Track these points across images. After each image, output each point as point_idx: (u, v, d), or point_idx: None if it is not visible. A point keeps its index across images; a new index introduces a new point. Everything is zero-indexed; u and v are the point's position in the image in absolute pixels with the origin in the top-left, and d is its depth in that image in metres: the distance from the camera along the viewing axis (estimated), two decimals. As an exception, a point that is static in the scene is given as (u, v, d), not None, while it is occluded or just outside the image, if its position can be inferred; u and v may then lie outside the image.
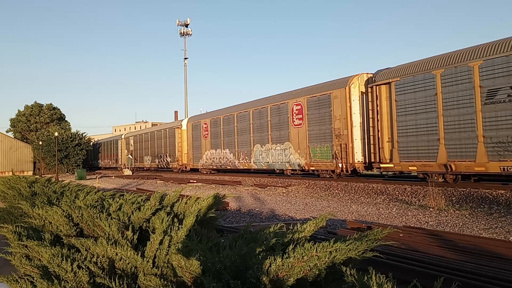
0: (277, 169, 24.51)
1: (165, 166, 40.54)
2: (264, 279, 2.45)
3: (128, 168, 47.32)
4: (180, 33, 64.12)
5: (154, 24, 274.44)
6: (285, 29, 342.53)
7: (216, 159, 31.41)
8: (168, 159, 39.44)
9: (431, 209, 11.87)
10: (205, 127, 33.58)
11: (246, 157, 27.38)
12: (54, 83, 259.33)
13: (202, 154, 33.78)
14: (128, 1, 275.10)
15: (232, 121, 29.50)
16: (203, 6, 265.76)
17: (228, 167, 30.07)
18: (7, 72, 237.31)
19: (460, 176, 15.26)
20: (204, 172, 33.67)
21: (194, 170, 36.62)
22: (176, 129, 38.40)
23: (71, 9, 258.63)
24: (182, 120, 38.95)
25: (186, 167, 37.06)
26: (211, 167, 32.55)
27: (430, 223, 9.91)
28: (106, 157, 61.43)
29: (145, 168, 46.14)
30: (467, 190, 13.55)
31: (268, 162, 24.97)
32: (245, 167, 27.94)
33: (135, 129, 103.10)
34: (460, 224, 9.62)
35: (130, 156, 49.75)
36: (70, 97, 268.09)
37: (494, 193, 12.68)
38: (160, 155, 41.37)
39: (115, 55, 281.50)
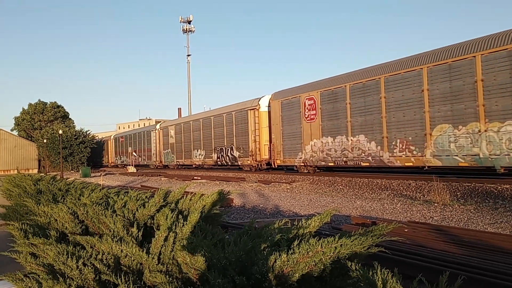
0: (501, 167, 13.61)
1: (229, 163, 29.89)
2: (269, 274, 2.45)
3: (132, 165, 47.15)
4: (183, 30, 64.13)
5: (157, 21, 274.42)
6: (289, 24, 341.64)
7: (336, 151, 20.03)
8: (235, 154, 28.52)
9: (435, 204, 11.85)
10: (309, 105, 21.86)
11: (412, 147, 16.51)
12: (57, 81, 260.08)
13: (303, 144, 22.21)
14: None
15: (373, 90, 18.13)
16: (206, 2, 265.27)
17: (364, 164, 18.64)
18: (11, 70, 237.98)
19: None
20: (306, 171, 22.45)
21: (280, 168, 25.82)
22: (249, 111, 26.95)
23: (73, 7, 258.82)
24: (259, 98, 26.75)
25: (270, 163, 25.45)
26: (323, 163, 21.11)
27: (435, 218, 9.89)
28: (130, 153, 51.81)
29: (194, 166, 36.36)
30: (472, 185, 13.51)
31: (478, 155, 14.12)
32: (408, 164, 16.81)
33: (138, 126, 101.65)
34: (465, 219, 9.60)
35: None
36: (74, 95, 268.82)
37: (499, 187, 12.64)
38: (221, 149, 30.51)
39: (118, 53, 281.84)
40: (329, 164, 20.87)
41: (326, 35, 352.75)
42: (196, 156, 35.01)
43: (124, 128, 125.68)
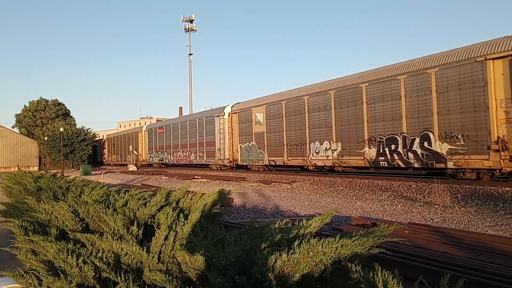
0: None
1: (414, 163, 16.63)
2: (269, 274, 2.44)
3: (132, 163, 46.88)
4: (185, 28, 64.18)
5: (159, 19, 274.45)
6: (292, 24, 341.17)
7: None
8: (438, 146, 15.67)
9: (436, 206, 11.84)
10: None
11: None
12: (59, 79, 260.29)
13: None
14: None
15: None
16: (208, 1, 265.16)
17: None
18: (13, 68, 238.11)
19: None
20: None
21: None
22: (491, 62, 14.04)
23: (76, 5, 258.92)
24: None
25: None
26: None
27: (435, 220, 9.88)
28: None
29: (309, 168, 22.60)
30: (473, 187, 13.50)
31: None
32: None
33: (139, 124, 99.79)
34: (466, 221, 9.59)
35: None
36: (75, 93, 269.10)
37: (500, 190, 12.63)
38: (392, 138, 17.55)
39: (119, 51, 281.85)
40: None
41: (327, 35, 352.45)
42: (316, 152, 21.75)
43: (125, 126, 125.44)
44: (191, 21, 64.20)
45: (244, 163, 28.04)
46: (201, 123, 33.56)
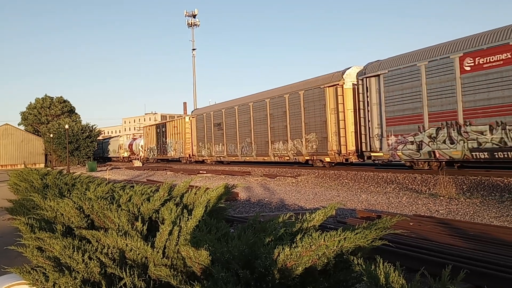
0: None
1: None
2: (272, 268, 2.46)
3: (138, 159, 46.79)
4: (188, 24, 63.93)
5: (162, 15, 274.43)
6: (296, 19, 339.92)
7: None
8: None
9: (441, 197, 11.82)
10: None
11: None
12: (64, 76, 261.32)
13: None
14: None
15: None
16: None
17: None
18: (18, 65, 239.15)
19: None
20: None
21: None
22: None
23: (79, 1, 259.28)
24: None
25: None
26: None
27: (440, 211, 9.87)
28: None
29: None
30: (478, 178, 13.46)
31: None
32: None
33: (144, 121, 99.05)
34: (471, 212, 9.58)
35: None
36: (80, 89, 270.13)
37: (506, 181, 12.58)
38: None
39: (123, 47, 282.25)
40: None
41: (330, 32, 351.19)
42: None
43: (130, 122, 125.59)
44: (194, 16, 63.89)
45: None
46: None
